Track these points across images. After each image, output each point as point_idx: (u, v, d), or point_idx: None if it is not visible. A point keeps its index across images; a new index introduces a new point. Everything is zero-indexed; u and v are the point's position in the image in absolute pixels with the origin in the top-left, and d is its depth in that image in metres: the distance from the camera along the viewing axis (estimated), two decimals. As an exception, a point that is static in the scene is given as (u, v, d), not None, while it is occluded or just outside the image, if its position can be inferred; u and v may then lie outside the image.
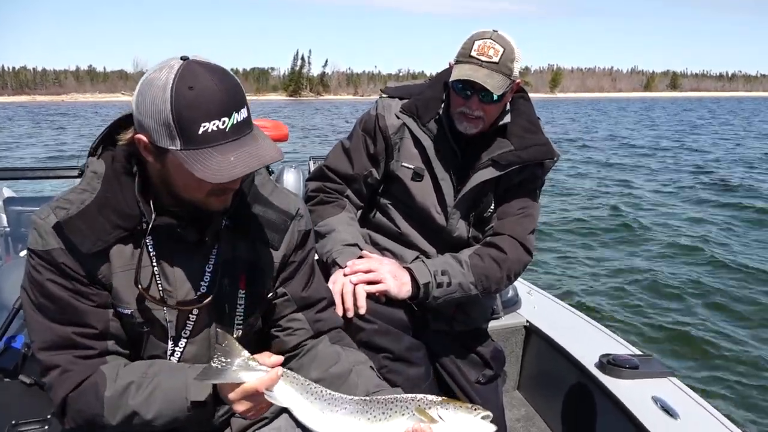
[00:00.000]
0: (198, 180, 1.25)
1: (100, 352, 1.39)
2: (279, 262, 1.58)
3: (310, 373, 1.57)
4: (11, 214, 3.38)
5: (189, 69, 1.24)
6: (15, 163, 19.01)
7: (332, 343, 1.66)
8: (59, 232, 1.33)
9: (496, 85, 2.01)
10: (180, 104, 1.21)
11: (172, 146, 1.24)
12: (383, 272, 2.04)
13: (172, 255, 1.43)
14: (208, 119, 1.22)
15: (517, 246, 2.20)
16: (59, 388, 1.36)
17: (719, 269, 7.81)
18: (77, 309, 1.36)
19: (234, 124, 1.25)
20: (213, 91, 1.23)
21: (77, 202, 1.35)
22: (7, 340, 2.39)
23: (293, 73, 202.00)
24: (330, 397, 1.38)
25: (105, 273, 1.38)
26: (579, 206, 12.20)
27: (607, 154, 21.27)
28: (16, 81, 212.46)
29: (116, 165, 1.39)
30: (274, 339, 1.67)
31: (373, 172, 2.28)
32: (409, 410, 1.38)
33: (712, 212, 11.54)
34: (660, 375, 2.48)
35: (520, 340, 3.14)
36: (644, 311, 6.46)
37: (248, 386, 1.29)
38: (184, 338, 1.48)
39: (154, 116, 1.24)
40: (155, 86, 1.23)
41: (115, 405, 1.34)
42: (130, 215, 1.37)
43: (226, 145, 1.25)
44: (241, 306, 1.54)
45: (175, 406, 1.34)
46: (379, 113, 2.26)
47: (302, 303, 1.64)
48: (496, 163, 2.16)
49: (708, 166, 18.45)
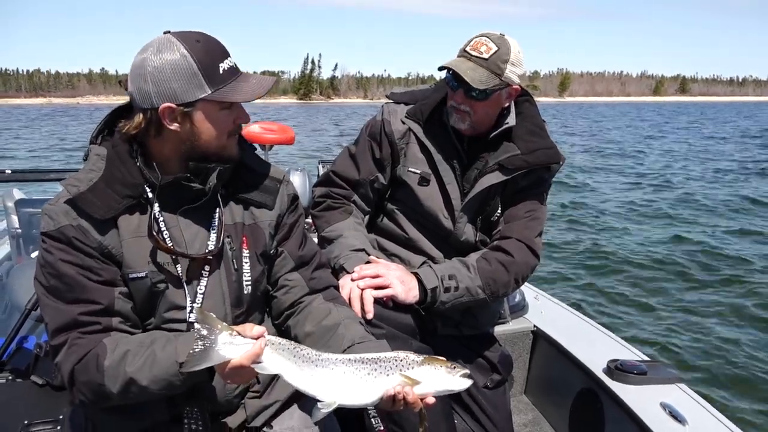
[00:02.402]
0: (225, 119, 1.49)
1: (105, 327, 1.47)
2: (274, 222, 1.73)
3: (305, 326, 1.71)
4: (23, 216, 3.42)
5: (181, 34, 1.47)
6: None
7: (326, 300, 1.78)
8: (72, 207, 1.45)
9: (476, 78, 2.01)
10: (198, 55, 1.43)
11: (202, 93, 1.44)
12: (390, 277, 2.05)
13: (177, 218, 1.56)
14: (221, 60, 1.47)
15: (524, 249, 2.20)
16: (66, 362, 1.44)
17: (729, 276, 7.75)
18: (85, 286, 1.45)
19: (234, 64, 1.51)
20: (212, 40, 1.49)
21: (86, 180, 1.48)
22: (19, 341, 2.42)
23: (303, 77, 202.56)
24: (317, 358, 1.45)
25: (114, 244, 1.49)
26: (588, 212, 12.16)
27: (608, 162, 21.29)
28: (30, 83, 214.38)
29: (117, 147, 1.52)
30: (272, 299, 1.79)
31: (379, 177, 2.30)
32: (393, 371, 1.46)
33: (719, 221, 11.46)
34: (668, 381, 2.47)
35: (528, 344, 3.14)
36: (651, 317, 6.43)
37: (236, 362, 1.35)
38: (200, 294, 1.57)
39: (178, 75, 1.42)
40: (165, 54, 1.43)
41: (114, 373, 1.40)
42: (134, 184, 1.50)
43: (240, 78, 1.50)
44: (247, 264, 1.65)
45: (168, 370, 1.39)
46: (385, 118, 2.28)
47: (299, 261, 1.78)
48: (502, 167, 2.17)
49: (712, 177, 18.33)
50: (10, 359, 2.38)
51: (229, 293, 1.62)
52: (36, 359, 2.33)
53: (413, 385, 1.46)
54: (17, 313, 2.47)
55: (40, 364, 2.31)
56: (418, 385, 1.47)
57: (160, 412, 1.55)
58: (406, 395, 1.45)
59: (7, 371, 2.37)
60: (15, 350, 2.40)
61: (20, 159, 22.07)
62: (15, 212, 3.46)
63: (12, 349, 2.39)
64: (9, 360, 2.38)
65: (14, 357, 2.38)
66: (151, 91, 1.43)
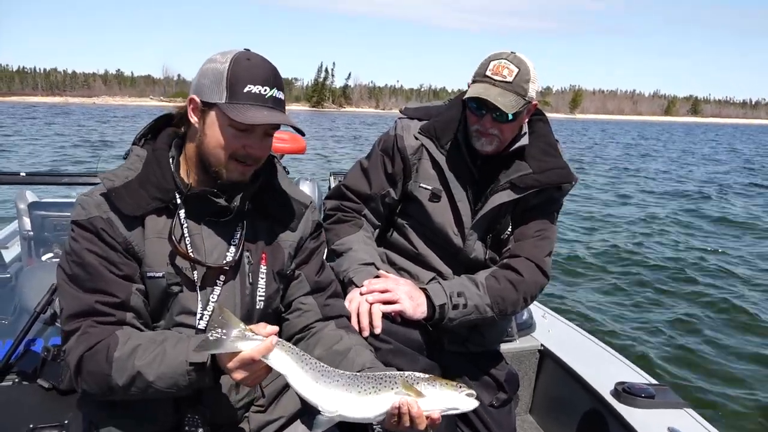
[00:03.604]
0: (228, 136, 1.51)
1: (119, 320, 1.52)
2: (296, 244, 1.77)
3: (315, 351, 1.70)
4: (35, 218, 3.44)
5: (248, 52, 1.55)
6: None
7: (337, 328, 1.79)
8: (106, 199, 1.53)
9: (508, 104, 2.02)
10: (236, 68, 1.50)
11: (218, 99, 1.49)
12: (399, 292, 2.05)
13: (201, 227, 1.61)
14: (254, 83, 1.50)
15: (533, 268, 2.20)
16: (76, 349, 1.47)
17: (743, 301, 7.68)
18: (105, 277, 1.50)
19: (273, 96, 1.53)
20: (264, 66, 1.54)
21: (122, 177, 1.56)
22: (27, 343, 2.42)
23: (317, 85, 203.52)
24: (323, 369, 1.47)
25: (138, 241, 1.55)
26: (597, 232, 12.10)
27: (617, 177, 21.21)
28: (47, 82, 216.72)
29: (157, 152, 1.61)
30: (284, 321, 1.81)
31: (390, 191, 2.30)
32: (397, 385, 1.46)
33: (727, 242, 11.39)
34: (676, 405, 2.45)
35: (534, 363, 3.12)
36: (659, 339, 6.37)
37: (245, 354, 1.38)
38: (212, 303, 1.60)
39: (211, 75, 1.51)
40: (219, 59, 1.52)
41: (122, 365, 1.44)
42: (166, 189, 1.57)
43: (263, 107, 1.51)
44: (263, 280, 1.68)
45: (175, 369, 1.42)
46: (398, 134, 2.29)
47: (315, 286, 1.81)
48: (514, 185, 2.17)
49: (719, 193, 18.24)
50: (17, 362, 2.39)
51: (241, 306, 1.64)
52: (43, 363, 2.33)
53: (418, 398, 1.45)
54: (26, 315, 2.48)
55: (47, 367, 2.31)
56: (424, 401, 1.46)
57: (165, 418, 1.56)
58: (411, 408, 1.45)
59: (14, 373, 2.38)
60: (23, 353, 2.40)
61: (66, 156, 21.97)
62: (27, 214, 3.49)
63: (20, 352, 2.40)
64: (16, 362, 2.39)
65: (21, 360, 2.39)
66: (195, 82, 1.56)
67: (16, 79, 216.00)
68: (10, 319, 2.87)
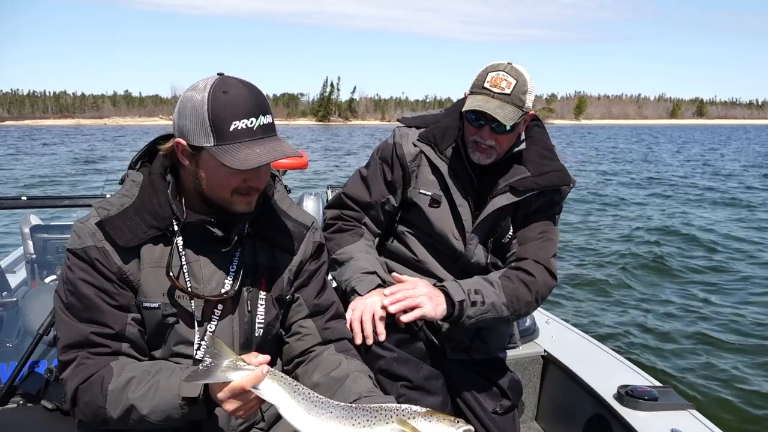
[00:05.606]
0: (226, 175, 1.46)
1: (114, 351, 1.51)
2: (295, 268, 1.73)
3: (313, 376, 1.69)
4: (38, 241, 3.46)
5: (224, 80, 1.46)
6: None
7: (337, 352, 1.77)
8: (99, 228, 1.50)
9: (507, 116, 2.05)
10: (215, 105, 1.42)
11: (206, 143, 1.43)
12: (419, 296, 2.04)
13: (198, 256, 1.58)
14: (238, 118, 1.43)
15: (542, 270, 2.21)
16: (72, 380, 1.47)
17: (746, 302, 7.62)
18: (100, 308, 1.49)
19: (261, 125, 1.45)
20: (244, 96, 1.44)
21: (117, 205, 1.53)
22: (31, 365, 2.44)
23: (322, 99, 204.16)
24: (317, 400, 1.44)
25: (134, 270, 1.53)
26: (599, 236, 12.05)
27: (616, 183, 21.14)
28: (56, 105, 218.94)
29: (153, 176, 1.57)
30: (284, 344, 1.78)
31: (390, 199, 2.32)
32: (392, 420, 1.42)
33: (735, 244, 11.31)
34: (680, 407, 2.43)
35: (538, 369, 3.11)
36: (663, 342, 6.31)
37: (235, 384, 1.36)
38: (210, 333, 1.58)
39: (192, 117, 1.44)
40: (195, 93, 1.45)
41: (116, 398, 1.43)
42: (163, 216, 1.54)
43: (253, 142, 1.44)
44: (262, 306, 1.66)
45: (168, 402, 1.42)
46: (397, 141, 2.31)
47: (314, 309, 1.78)
48: (513, 188, 2.19)
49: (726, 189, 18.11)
50: (21, 383, 2.40)
51: (240, 334, 1.63)
52: (47, 384, 2.34)
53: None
54: (30, 337, 2.49)
55: (50, 388, 2.33)
56: None
57: None
58: None
59: (19, 395, 2.39)
60: (27, 374, 2.42)
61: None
62: (30, 238, 3.51)
63: (24, 374, 2.41)
64: (20, 384, 2.40)
65: (26, 381, 2.40)
66: (175, 122, 1.50)
67: (27, 102, 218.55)
68: (15, 342, 2.89)
